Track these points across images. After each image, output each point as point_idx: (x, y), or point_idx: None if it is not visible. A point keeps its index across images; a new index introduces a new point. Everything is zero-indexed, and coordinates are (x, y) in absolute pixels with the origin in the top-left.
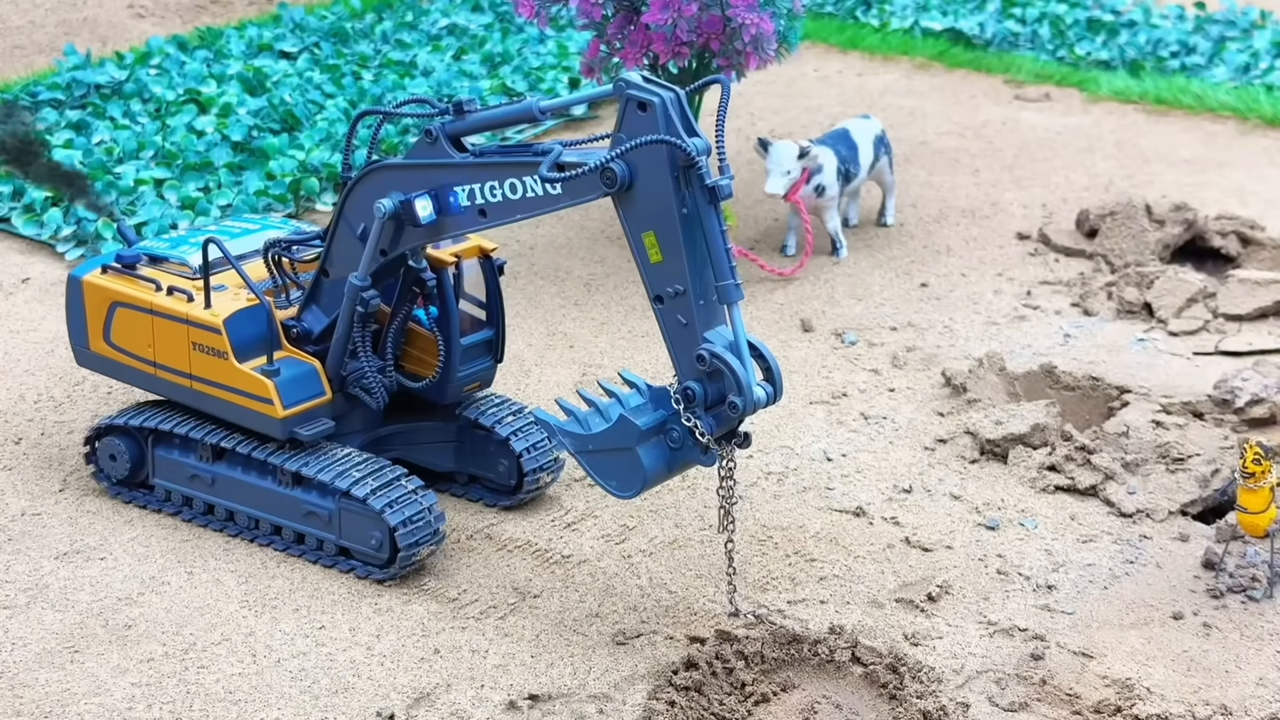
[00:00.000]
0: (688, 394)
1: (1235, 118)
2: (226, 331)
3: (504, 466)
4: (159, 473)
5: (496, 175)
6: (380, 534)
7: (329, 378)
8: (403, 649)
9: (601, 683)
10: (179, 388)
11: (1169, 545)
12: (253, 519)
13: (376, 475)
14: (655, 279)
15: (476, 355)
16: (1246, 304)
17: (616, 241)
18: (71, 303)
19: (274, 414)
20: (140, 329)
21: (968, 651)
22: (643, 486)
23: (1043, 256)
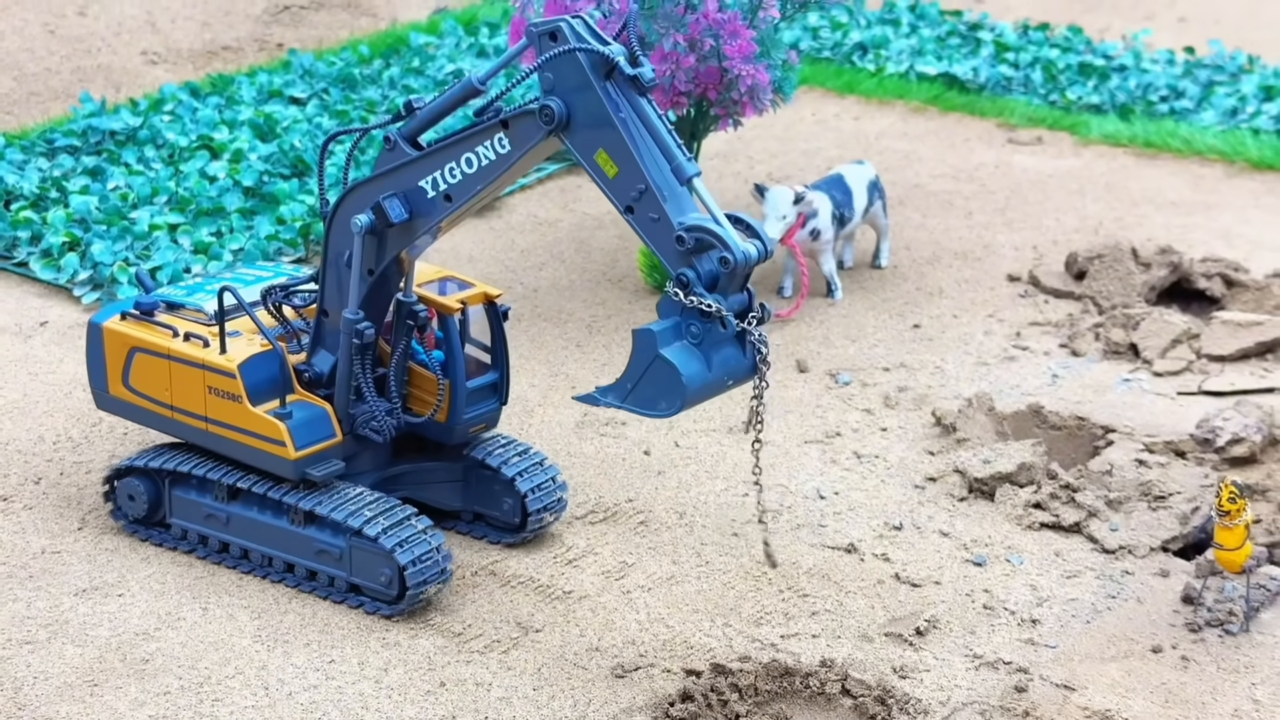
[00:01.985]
0: (682, 280)
1: (1222, 161)
2: (241, 376)
3: (508, 505)
4: (176, 512)
5: (451, 156)
6: (390, 571)
7: (339, 418)
8: (410, 682)
9: (600, 714)
10: (195, 430)
11: (1150, 581)
12: (266, 556)
13: (387, 514)
14: (619, 191)
15: (482, 398)
16: (1229, 345)
17: (618, 284)
18: (91, 348)
19: (287, 455)
20: (158, 373)
21: (954, 684)
22: (686, 392)
23: (1032, 298)
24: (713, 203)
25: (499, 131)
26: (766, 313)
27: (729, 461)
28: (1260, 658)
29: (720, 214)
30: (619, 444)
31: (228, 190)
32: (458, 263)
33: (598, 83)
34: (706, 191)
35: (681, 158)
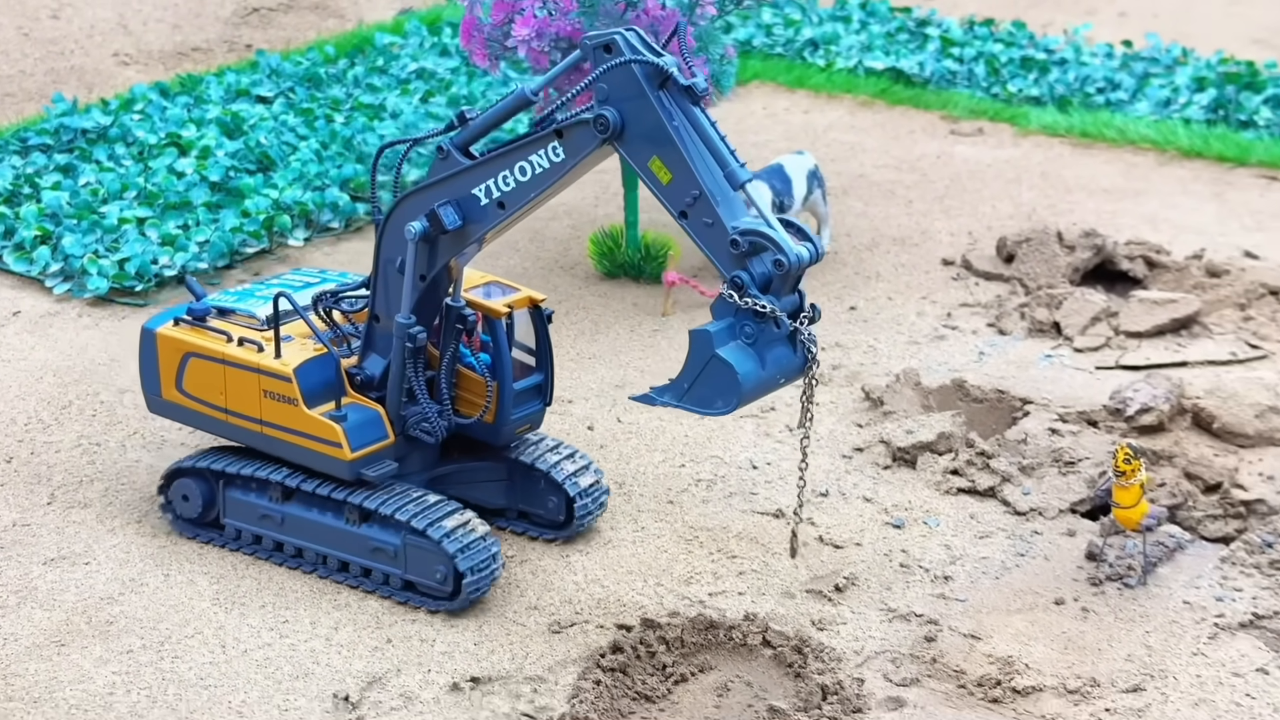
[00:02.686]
0: (736, 282)
1: (1154, 149)
2: (296, 379)
3: (553, 503)
4: (229, 513)
5: (505, 164)
6: (445, 569)
7: (390, 420)
8: (358, 639)
9: (537, 666)
10: (250, 433)
11: (1057, 540)
12: (320, 555)
13: (443, 513)
14: (673, 197)
15: (527, 399)
16: (1146, 322)
17: (570, 271)
18: (144, 353)
19: (343, 456)
20: (212, 378)
21: (868, 635)
22: (743, 390)
23: (964, 281)
24: (765, 207)
25: (553, 140)
26: (817, 313)
27: (668, 436)
28: (1155, 608)
29: (773, 218)
30: (564, 420)
31: (195, 185)
32: None
33: (652, 93)
34: (759, 196)
35: (734, 164)
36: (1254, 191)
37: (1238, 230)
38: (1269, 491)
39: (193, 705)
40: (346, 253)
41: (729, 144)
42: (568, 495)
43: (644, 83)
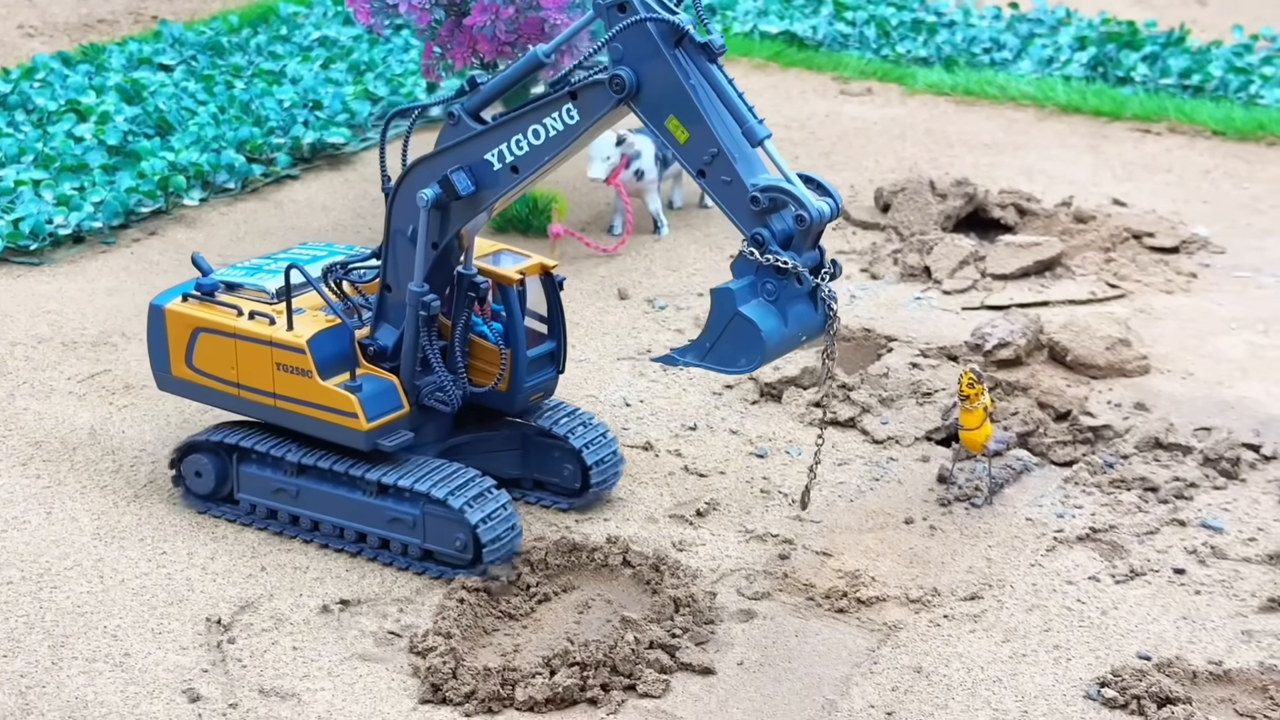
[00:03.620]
0: (757, 239)
1: (1034, 105)
2: (310, 351)
3: (569, 471)
4: (244, 487)
5: (518, 128)
6: (465, 536)
7: (405, 390)
8: (234, 568)
9: (406, 589)
10: (263, 406)
11: (911, 465)
12: (337, 528)
13: (458, 480)
14: (691, 155)
15: (540, 367)
16: (1011, 264)
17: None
18: (153, 330)
19: (359, 427)
20: (223, 353)
21: (725, 554)
22: (766, 347)
23: (842, 230)
24: (784, 163)
25: (567, 103)
26: (837, 269)
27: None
28: (999, 525)
29: (792, 174)
30: None
31: (92, 149)
32: (311, 212)
33: (668, 51)
34: (778, 153)
35: (752, 120)
36: (1128, 144)
37: (1109, 180)
38: (1115, 418)
39: (68, 630)
40: (242, 213)
41: (747, 101)
42: (584, 462)
43: (660, 41)
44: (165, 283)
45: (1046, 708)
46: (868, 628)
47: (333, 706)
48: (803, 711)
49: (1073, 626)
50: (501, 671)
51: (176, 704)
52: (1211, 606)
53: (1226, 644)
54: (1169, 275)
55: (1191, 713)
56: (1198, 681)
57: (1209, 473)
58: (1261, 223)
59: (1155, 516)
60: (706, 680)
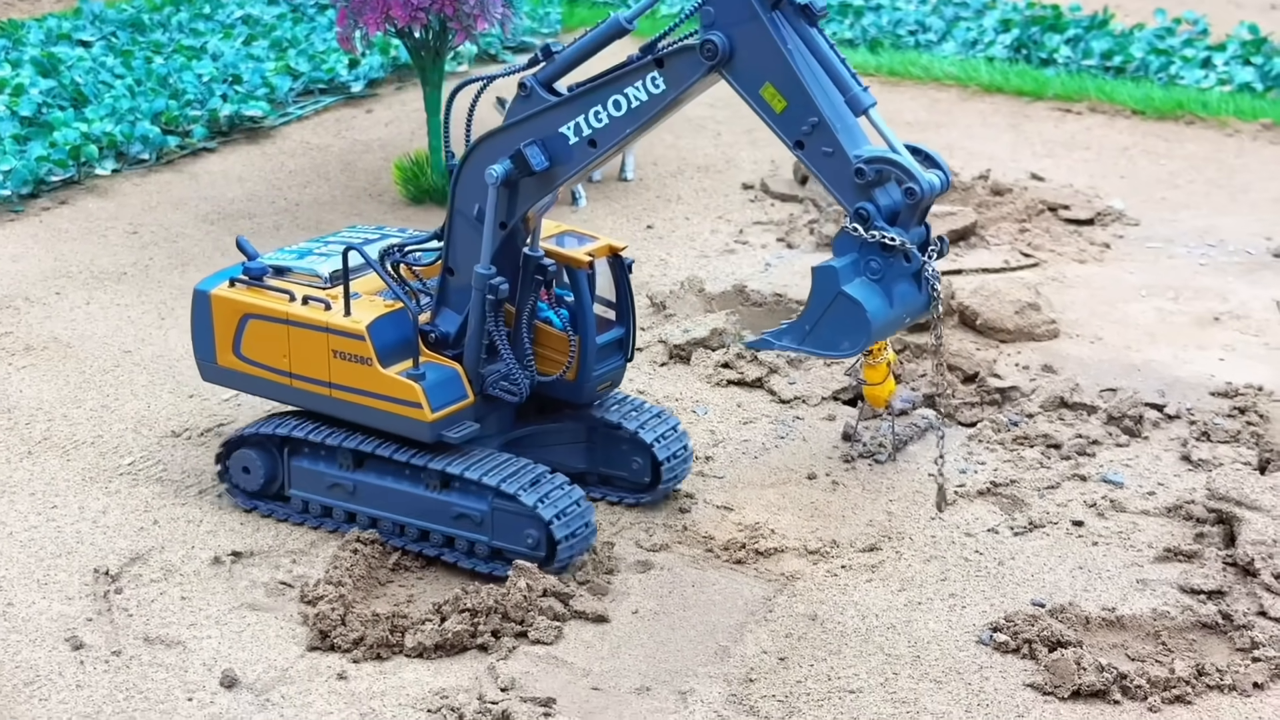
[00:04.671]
0: (862, 214)
1: (958, 85)
2: (370, 337)
3: (638, 464)
4: (296, 483)
5: (597, 99)
6: (537, 533)
7: (469, 379)
8: (125, 521)
9: (300, 542)
10: (317, 397)
11: (817, 424)
12: (397, 525)
13: (529, 474)
14: (788, 126)
15: (608, 354)
16: None
17: (378, 198)
18: (198, 317)
19: (423, 418)
20: (275, 340)
21: (625, 508)
22: (871, 329)
23: (761, 202)
24: (891, 133)
25: (652, 71)
26: (944, 246)
27: None
28: (900, 481)
29: (899, 144)
30: None
31: (4, 119)
32: (226, 183)
33: (764, 13)
34: (883, 122)
35: (857, 88)
36: (1049, 123)
37: (1029, 157)
38: (1023, 380)
39: None
40: (156, 184)
41: (849, 66)
42: (655, 457)
43: (755, 3)
44: (73, 250)
45: (939, 652)
46: (765, 578)
47: (218, 654)
48: (695, 657)
49: (969, 576)
50: (391, 618)
51: (59, 652)
52: (1108, 557)
53: (1121, 592)
54: (1082, 245)
55: (1081, 655)
56: (1090, 627)
57: (1112, 430)
58: (1177, 197)
59: (1057, 472)
60: (600, 628)
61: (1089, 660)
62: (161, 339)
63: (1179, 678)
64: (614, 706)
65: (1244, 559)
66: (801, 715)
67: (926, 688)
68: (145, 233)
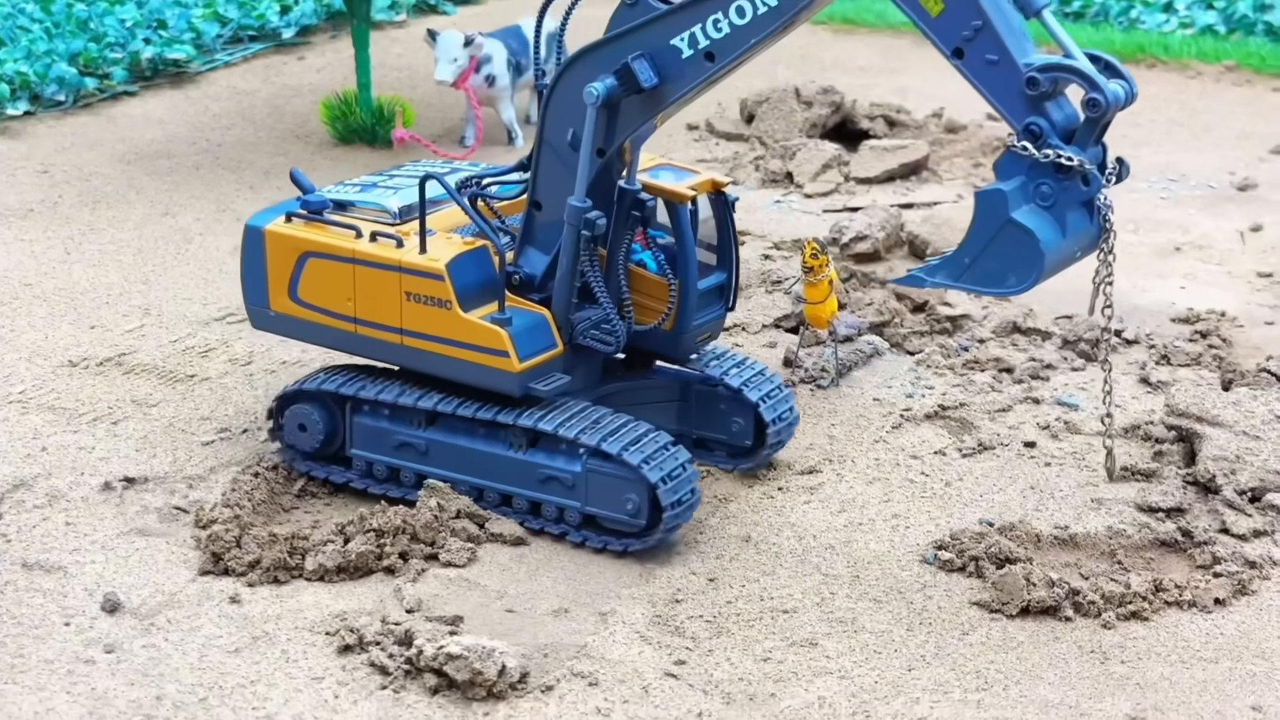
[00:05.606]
0: (1033, 130)
1: (912, 33)
2: (450, 277)
3: (738, 426)
4: (359, 443)
5: (717, 6)
6: (639, 498)
7: (558, 326)
8: (10, 449)
9: (199, 468)
10: (386, 345)
11: (758, 350)
12: (475, 489)
13: (634, 434)
14: (945, 31)
15: (708, 302)
16: (876, 168)
17: (305, 140)
18: (249, 256)
19: (509, 368)
20: (338, 281)
21: None
22: (1045, 262)
23: (705, 141)
24: (1067, 38)
25: None
26: (1125, 169)
27: None
28: (844, 406)
29: (1077, 50)
30: None
31: None
32: (146, 126)
33: None
34: (1059, 25)
35: None
36: None
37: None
38: (974, 307)
39: None
40: (71, 126)
41: None
42: (760, 418)
43: None
44: None
45: (880, 571)
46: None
47: (101, 579)
48: (619, 579)
49: (914, 497)
50: (290, 539)
51: None
52: (1061, 477)
53: (1075, 512)
54: None
55: (1031, 571)
56: (1041, 545)
57: (1068, 355)
58: (1137, 135)
59: (1009, 395)
60: (518, 550)
61: (1039, 576)
62: (65, 273)
63: (1135, 593)
64: (528, 628)
65: (1204, 476)
66: (730, 636)
67: (865, 607)
68: (56, 172)
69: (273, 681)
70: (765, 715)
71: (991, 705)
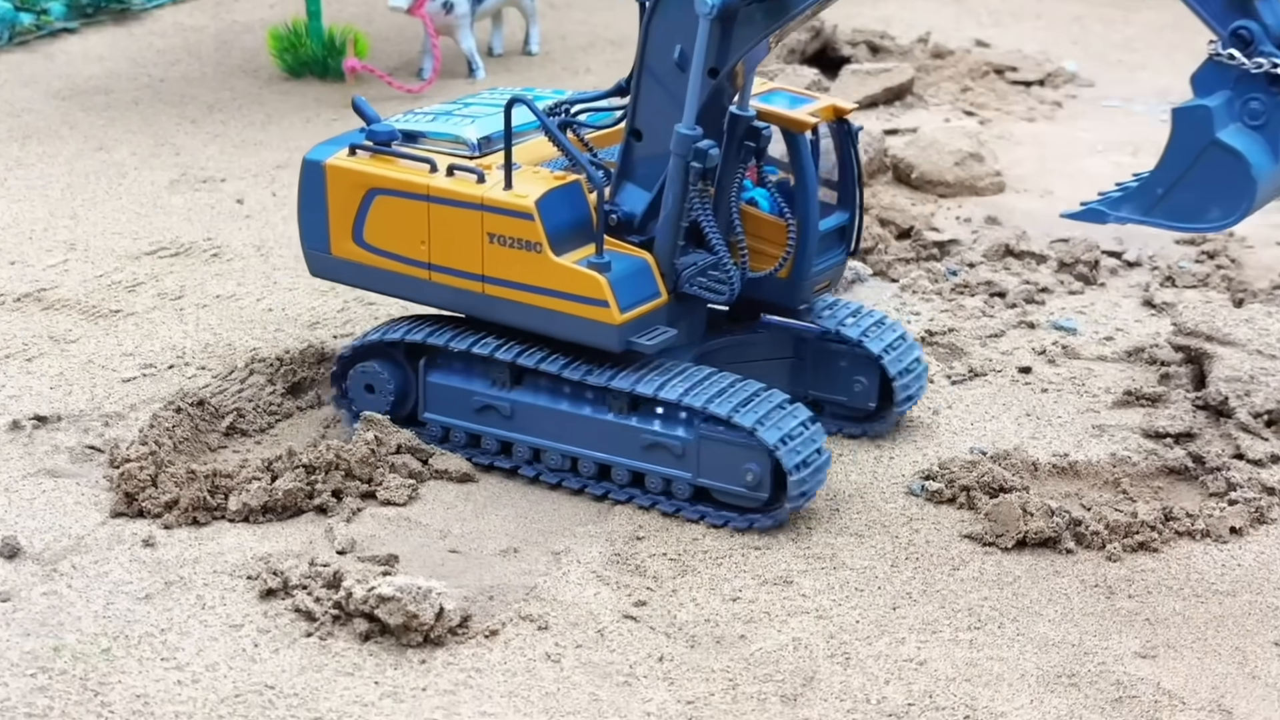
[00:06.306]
0: (1242, 35)
1: None
2: (540, 215)
3: (861, 386)
4: (433, 405)
5: None
6: (759, 467)
7: (662, 273)
8: None
9: (118, 405)
10: (465, 294)
11: None
12: (567, 458)
13: (749, 393)
14: None
15: (827, 246)
16: (858, 93)
17: (253, 75)
18: (308, 195)
19: (609, 319)
20: (410, 221)
21: None
22: (1255, 190)
23: None
24: None
25: None
26: None
27: None
28: None
29: None
30: (212, 195)
31: None
32: (85, 63)
33: None
34: None
35: None
36: None
37: (973, 26)
38: (964, 232)
39: None
40: (5, 63)
41: None
42: (885, 373)
43: None
44: None
45: (861, 504)
46: None
47: (2, 523)
48: (575, 516)
49: (898, 426)
50: (212, 478)
51: None
52: (1059, 404)
53: (1075, 439)
54: (1031, 104)
55: (1027, 500)
56: (1038, 474)
57: (1064, 278)
58: (1134, 59)
59: (1001, 320)
60: (464, 488)
61: (1037, 505)
62: None
63: (1143, 523)
64: (473, 569)
65: (1216, 398)
66: (696, 574)
67: (845, 542)
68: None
69: (185, 630)
70: (734, 659)
71: (985, 645)
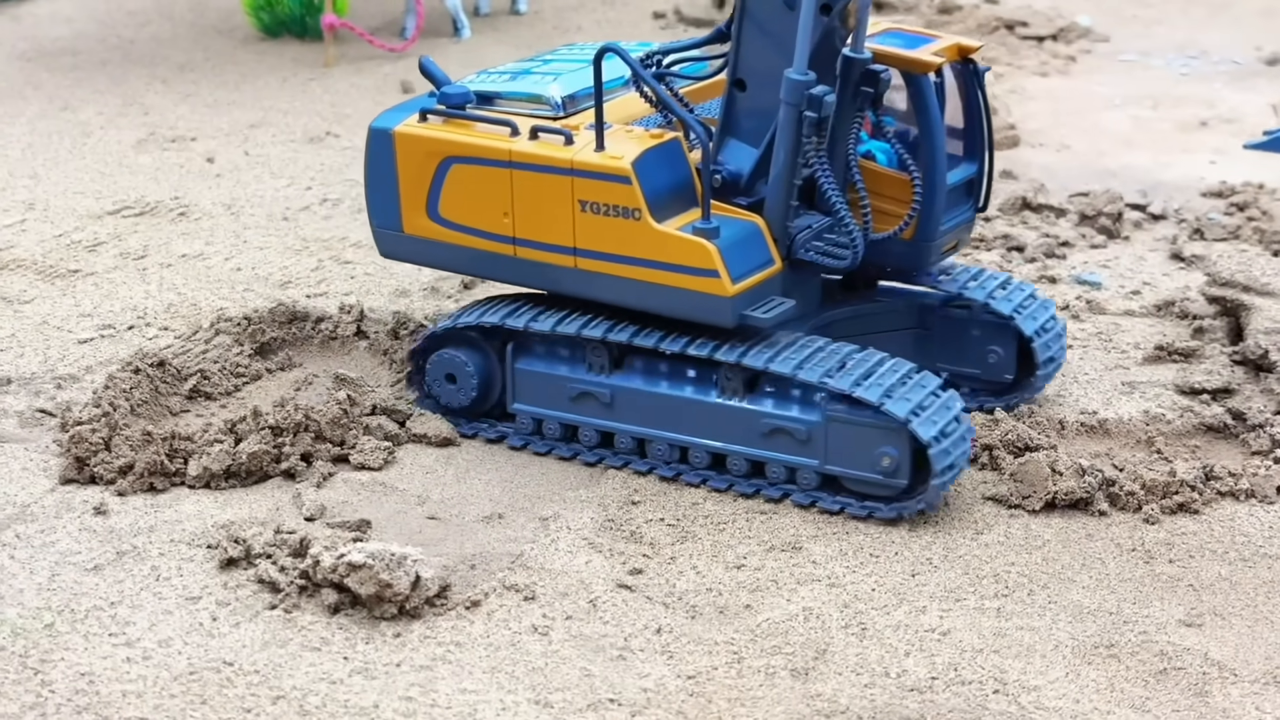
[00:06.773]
0: None
1: None
2: (638, 179)
3: (997, 357)
4: (523, 395)
5: None
6: (897, 450)
7: (774, 238)
8: None
9: (73, 368)
10: (556, 270)
11: None
12: (676, 447)
13: (881, 368)
14: None
15: (955, 201)
16: None
17: (228, 35)
18: (376, 166)
19: (720, 291)
20: (492, 191)
21: None
22: None
23: (673, 29)
24: None
25: None
26: None
27: (300, 164)
28: None
29: None
30: (182, 154)
31: None
32: (53, 24)
33: None
34: None
35: None
36: None
37: None
38: None
39: None
40: None
41: None
42: (1022, 336)
43: None
44: None
45: None
46: None
47: None
48: (564, 481)
49: None
50: (170, 440)
51: None
52: (1085, 360)
53: (1103, 396)
54: (1044, 59)
55: (1056, 459)
56: (1066, 433)
57: (1086, 231)
58: (1150, 14)
59: (1020, 275)
60: (445, 452)
61: (1066, 464)
62: None
63: (1182, 482)
64: (453, 536)
65: (1255, 351)
66: (697, 541)
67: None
68: None
69: (137, 603)
70: (739, 630)
71: (1014, 613)
